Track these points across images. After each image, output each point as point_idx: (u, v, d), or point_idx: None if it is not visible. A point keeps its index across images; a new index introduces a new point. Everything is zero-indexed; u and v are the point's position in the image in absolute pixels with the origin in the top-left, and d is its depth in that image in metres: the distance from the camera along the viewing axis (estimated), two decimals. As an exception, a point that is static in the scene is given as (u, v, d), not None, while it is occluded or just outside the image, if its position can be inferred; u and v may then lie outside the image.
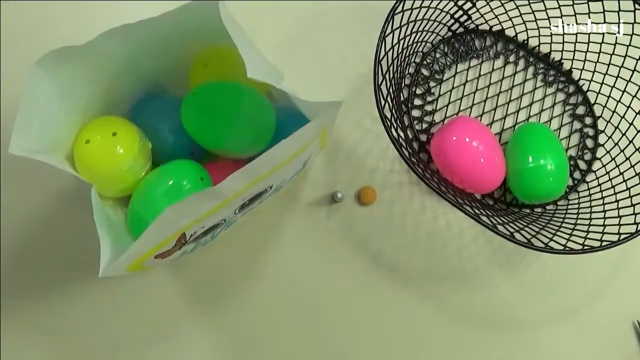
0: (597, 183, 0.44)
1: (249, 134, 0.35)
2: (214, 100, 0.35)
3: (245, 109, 0.35)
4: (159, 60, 0.36)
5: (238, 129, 0.35)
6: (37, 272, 0.40)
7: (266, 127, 0.36)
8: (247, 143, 0.35)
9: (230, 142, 0.35)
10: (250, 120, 0.35)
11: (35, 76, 0.28)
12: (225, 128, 0.35)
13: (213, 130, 0.35)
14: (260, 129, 0.35)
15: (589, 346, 0.43)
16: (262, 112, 0.36)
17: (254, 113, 0.35)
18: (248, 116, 0.35)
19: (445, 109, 0.46)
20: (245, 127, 0.35)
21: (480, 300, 0.43)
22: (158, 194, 0.33)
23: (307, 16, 0.46)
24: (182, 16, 0.30)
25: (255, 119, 0.35)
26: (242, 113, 0.35)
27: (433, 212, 0.44)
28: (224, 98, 0.35)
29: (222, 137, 0.35)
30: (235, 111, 0.35)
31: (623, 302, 0.44)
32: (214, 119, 0.35)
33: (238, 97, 0.35)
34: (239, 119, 0.34)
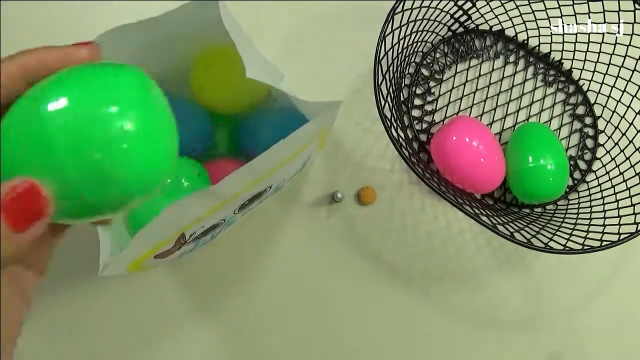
0: (597, 183, 0.44)
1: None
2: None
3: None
4: (159, 60, 0.36)
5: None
6: (37, 272, 0.40)
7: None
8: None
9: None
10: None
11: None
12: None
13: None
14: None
15: (589, 346, 0.43)
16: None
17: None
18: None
19: (445, 109, 0.46)
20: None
21: (480, 300, 0.43)
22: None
23: (307, 16, 0.46)
24: (182, 16, 0.30)
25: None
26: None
27: (433, 212, 0.44)
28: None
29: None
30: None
31: (623, 302, 0.44)
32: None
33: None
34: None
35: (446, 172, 0.41)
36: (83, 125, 0.16)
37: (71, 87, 0.17)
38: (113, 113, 0.17)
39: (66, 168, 0.16)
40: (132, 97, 0.18)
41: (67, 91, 0.17)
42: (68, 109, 0.17)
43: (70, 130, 0.16)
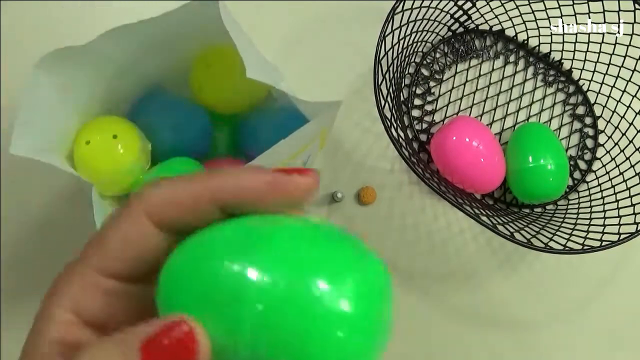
0: (597, 183, 0.44)
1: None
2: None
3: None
4: (159, 60, 0.36)
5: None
6: (37, 272, 0.40)
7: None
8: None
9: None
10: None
11: (35, 76, 0.28)
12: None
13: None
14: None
15: (589, 346, 0.43)
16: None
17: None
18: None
19: (445, 109, 0.46)
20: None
21: (480, 300, 0.43)
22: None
23: (307, 16, 0.46)
24: (182, 16, 0.30)
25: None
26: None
27: (433, 212, 0.44)
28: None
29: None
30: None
31: (623, 302, 0.44)
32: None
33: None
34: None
35: (446, 172, 0.41)
36: (296, 299, 0.13)
37: (295, 254, 0.14)
38: (343, 298, 0.13)
39: (247, 333, 0.13)
40: (376, 288, 0.14)
41: (288, 257, 0.13)
42: (283, 277, 0.13)
43: (274, 298, 0.13)
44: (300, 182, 0.15)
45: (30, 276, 0.40)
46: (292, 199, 0.15)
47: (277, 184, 0.15)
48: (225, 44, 0.31)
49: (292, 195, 0.15)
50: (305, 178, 0.15)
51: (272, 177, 0.15)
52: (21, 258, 0.40)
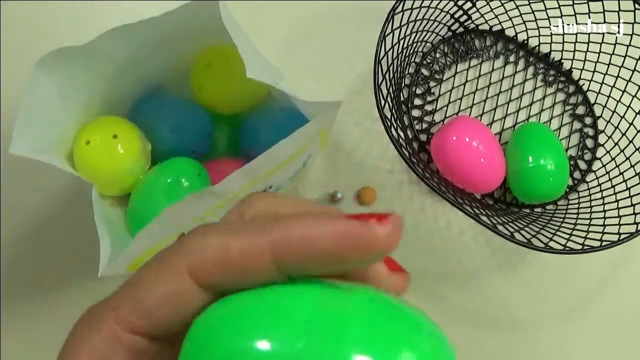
0: (597, 183, 0.44)
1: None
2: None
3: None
4: (159, 60, 0.36)
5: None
6: (37, 272, 0.40)
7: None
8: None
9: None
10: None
11: (35, 76, 0.28)
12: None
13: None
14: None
15: (589, 346, 0.43)
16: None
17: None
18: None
19: (445, 109, 0.46)
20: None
21: (480, 300, 0.43)
22: (157, 192, 0.33)
23: (307, 16, 0.46)
24: (182, 16, 0.30)
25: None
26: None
27: (433, 212, 0.44)
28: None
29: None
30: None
31: (623, 302, 0.44)
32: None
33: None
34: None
35: (446, 172, 0.41)
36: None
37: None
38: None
39: None
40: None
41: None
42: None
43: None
44: (379, 233, 0.12)
45: (30, 276, 0.40)
46: (367, 256, 0.12)
47: (353, 238, 0.12)
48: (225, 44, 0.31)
49: (369, 252, 0.12)
50: (385, 228, 0.12)
51: (348, 228, 0.12)
52: (21, 258, 0.40)
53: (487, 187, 0.42)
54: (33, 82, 0.28)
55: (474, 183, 0.41)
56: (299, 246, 0.12)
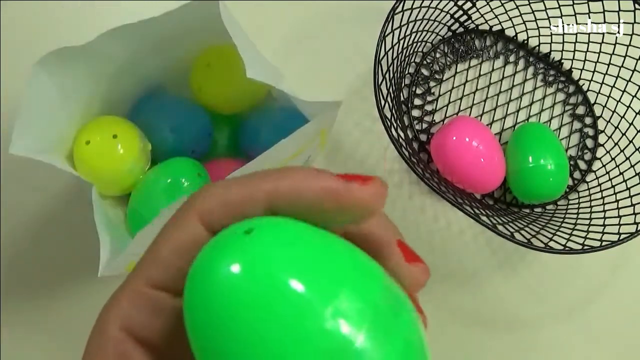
0: (597, 183, 0.44)
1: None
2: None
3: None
4: (159, 60, 0.36)
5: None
6: (37, 272, 0.40)
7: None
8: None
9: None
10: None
11: (35, 76, 0.28)
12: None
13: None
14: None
15: (589, 346, 0.43)
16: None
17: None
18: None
19: (445, 109, 0.46)
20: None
21: (480, 300, 0.43)
22: (157, 192, 0.33)
23: (307, 16, 0.46)
24: (182, 16, 0.30)
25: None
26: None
27: (433, 212, 0.44)
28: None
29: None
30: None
31: (623, 302, 0.44)
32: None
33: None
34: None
35: (446, 172, 0.41)
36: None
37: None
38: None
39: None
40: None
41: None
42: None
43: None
44: (358, 194, 0.13)
45: (30, 276, 0.40)
46: (347, 212, 0.13)
47: (334, 193, 0.13)
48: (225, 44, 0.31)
49: (349, 209, 0.13)
50: (366, 189, 0.13)
51: (331, 184, 0.13)
52: (21, 258, 0.40)
53: (487, 187, 0.42)
54: (33, 82, 0.28)
55: (474, 183, 0.41)
56: (288, 196, 0.13)
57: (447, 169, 0.41)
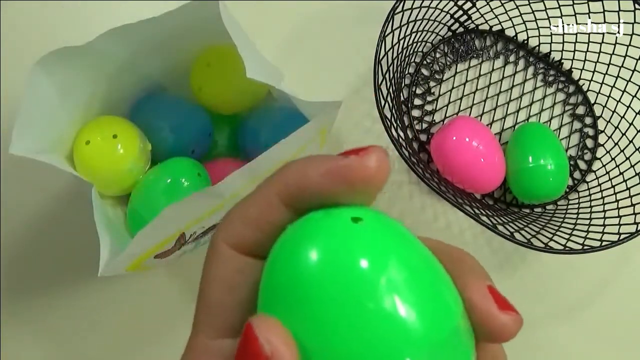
0: (597, 183, 0.44)
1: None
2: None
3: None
4: (159, 60, 0.36)
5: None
6: (37, 272, 0.40)
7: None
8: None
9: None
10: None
11: (35, 76, 0.28)
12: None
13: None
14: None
15: (589, 346, 0.43)
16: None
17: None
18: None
19: (445, 109, 0.46)
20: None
21: (480, 300, 0.43)
22: (157, 192, 0.33)
23: (307, 16, 0.46)
24: (182, 16, 0.30)
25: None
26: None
27: (433, 212, 0.44)
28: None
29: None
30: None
31: (623, 302, 0.44)
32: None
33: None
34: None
35: (446, 172, 0.41)
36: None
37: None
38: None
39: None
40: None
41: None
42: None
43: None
44: (361, 166, 0.13)
45: (30, 276, 0.40)
46: (360, 188, 0.13)
47: (338, 173, 0.13)
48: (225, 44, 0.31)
49: (358, 183, 0.13)
50: (367, 159, 0.13)
51: (332, 165, 0.13)
52: (21, 258, 0.40)
53: (487, 187, 0.42)
54: (33, 82, 0.28)
55: (474, 183, 0.41)
56: (298, 189, 0.14)
57: (447, 169, 0.41)
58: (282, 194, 0.14)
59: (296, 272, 0.13)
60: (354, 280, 0.12)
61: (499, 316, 0.14)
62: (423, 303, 0.13)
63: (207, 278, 0.15)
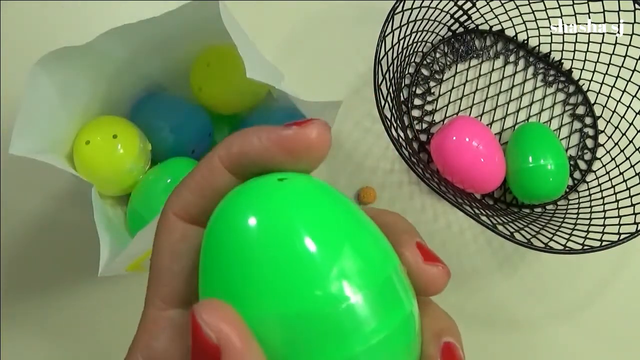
0: (597, 183, 0.44)
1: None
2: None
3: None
4: (159, 60, 0.36)
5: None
6: (37, 272, 0.40)
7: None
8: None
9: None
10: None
11: (35, 76, 0.28)
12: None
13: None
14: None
15: (589, 346, 0.43)
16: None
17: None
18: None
19: (445, 109, 0.46)
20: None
21: (480, 300, 0.43)
22: (157, 192, 0.33)
23: (307, 16, 0.46)
24: (182, 16, 0.30)
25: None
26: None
27: (433, 212, 0.44)
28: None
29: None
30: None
31: (623, 302, 0.44)
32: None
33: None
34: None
35: (446, 172, 0.41)
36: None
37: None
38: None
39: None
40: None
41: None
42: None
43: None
44: (302, 136, 0.14)
45: (30, 276, 0.40)
46: (301, 157, 0.14)
47: (279, 141, 0.14)
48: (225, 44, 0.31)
49: (299, 153, 0.14)
50: (308, 130, 0.14)
51: (272, 134, 0.14)
52: (21, 258, 0.40)
53: (487, 187, 0.42)
54: (33, 82, 0.28)
55: (474, 183, 0.41)
56: (240, 155, 0.14)
57: (447, 169, 0.41)
58: (225, 160, 0.15)
59: (227, 234, 0.13)
60: (282, 233, 0.13)
61: (426, 268, 0.15)
62: (354, 252, 0.13)
63: (155, 248, 0.15)
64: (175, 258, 0.15)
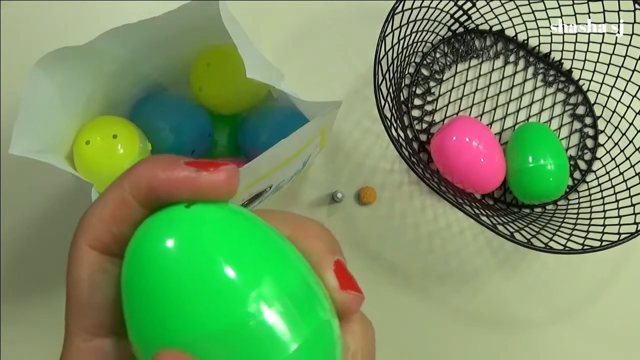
0: (597, 183, 0.44)
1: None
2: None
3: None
4: (159, 60, 0.36)
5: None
6: (37, 272, 0.40)
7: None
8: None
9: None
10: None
11: (35, 76, 0.28)
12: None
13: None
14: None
15: (589, 346, 0.43)
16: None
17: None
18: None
19: (445, 109, 0.46)
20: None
21: (480, 300, 0.43)
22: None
23: (307, 16, 0.46)
24: (182, 16, 0.30)
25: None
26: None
27: (433, 212, 0.44)
28: None
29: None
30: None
31: (623, 302, 0.44)
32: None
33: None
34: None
35: (446, 172, 0.41)
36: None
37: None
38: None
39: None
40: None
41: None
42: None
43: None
44: (209, 181, 0.14)
45: (30, 276, 0.40)
46: (205, 196, 0.14)
47: (185, 183, 0.14)
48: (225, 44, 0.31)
49: (203, 194, 0.14)
50: (216, 176, 0.14)
51: (179, 175, 0.14)
52: (21, 258, 0.40)
53: (487, 187, 0.42)
54: (32, 82, 0.28)
55: (474, 183, 0.41)
56: (147, 193, 0.14)
57: (447, 169, 0.41)
58: (134, 193, 0.15)
59: (143, 263, 0.14)
60: (193, 257, 0.13)
61: (340, 295, 0.15)
62: (262, 267, 0.14)
63: (71, 279, 0.15)
64: (94, 290, 0.15)
